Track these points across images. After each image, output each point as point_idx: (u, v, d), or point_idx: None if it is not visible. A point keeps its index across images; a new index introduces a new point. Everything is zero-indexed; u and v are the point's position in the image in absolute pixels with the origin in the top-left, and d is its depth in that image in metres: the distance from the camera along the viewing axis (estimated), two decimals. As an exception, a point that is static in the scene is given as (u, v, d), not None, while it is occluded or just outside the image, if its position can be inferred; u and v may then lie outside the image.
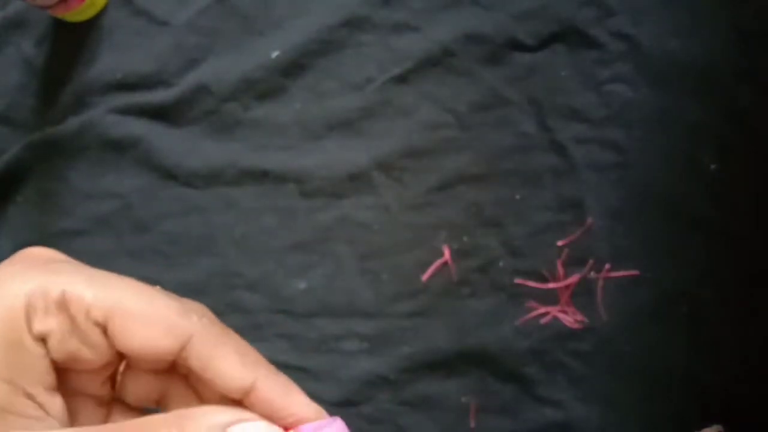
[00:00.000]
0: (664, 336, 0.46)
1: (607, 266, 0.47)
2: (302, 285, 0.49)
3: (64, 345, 0.22)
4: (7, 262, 0.24)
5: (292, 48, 0.49)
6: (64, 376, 0.23)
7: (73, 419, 0.23)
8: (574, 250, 0.47)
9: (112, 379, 0.25)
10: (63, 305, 0.22)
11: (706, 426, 0.45)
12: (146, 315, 0.22)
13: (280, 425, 0.23)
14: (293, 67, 0.49)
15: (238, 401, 0.23)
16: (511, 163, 0.48)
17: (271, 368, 0.24)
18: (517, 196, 0.48)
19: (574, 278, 0.47)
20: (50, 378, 0.22)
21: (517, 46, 0.48)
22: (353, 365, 0.47)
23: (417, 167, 0.48)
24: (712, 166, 0.47)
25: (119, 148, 0.49)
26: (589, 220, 0.47)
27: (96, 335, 0.22)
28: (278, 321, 0.48)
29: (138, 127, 0.49)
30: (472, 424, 0.47)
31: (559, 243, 0.47)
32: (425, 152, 0.48)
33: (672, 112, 0.48)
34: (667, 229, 0.47)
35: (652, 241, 0.47)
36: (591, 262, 0.47)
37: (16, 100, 0.51)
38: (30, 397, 0.22)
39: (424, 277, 0.48)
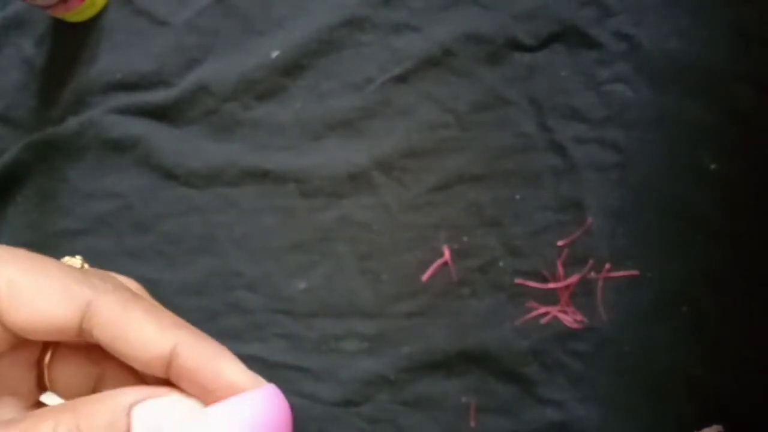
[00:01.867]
0: (664, 336, 0.46)
1: (607, 266, 0.47)
2: (302, 285, 0.49)
3: None
4: None
5: (292, 48, 0.49)
6: None
7: None
8: (574, 250, 0.47)
9: (37, 374, 0.22)
10: None
11: (706, 426, 0.45)
12: (36, 284, 0.20)
13: (211, 401, 0.20)
14: (293, 67, 0.49)
15: (166, 381, 0.20)
16: (511, 163, 0.48)
17: (196, 332, 0.21)
18: (517, 196, 0.48)
19: (574, 278, 0.47)
20: None
21: (517, 46, 0.48)
22: (353, 365, 0.47)
23: (417, 167, 0.48)
24: (712, 166, 0.47)
25: (119, 148, 0.49)
26: (589, 220, 0.47)
27: None
28: (278, 321, 0.48)
29: (138, 127, 0.49)
30: (472, 424, 0.47)
31: (559, 243, 0.47)
32: (425, 152, 0.48)
33: (672, 112, 0.48)
34: (667, 229, 0.47)
35: (652, 241, 0.47)
36: (591, 262, 0.47)
37: (16, 100, 0.51)
38: None
39: (424, 277, 0.48)
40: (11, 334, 0.20)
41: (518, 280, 0.47)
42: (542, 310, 0.47)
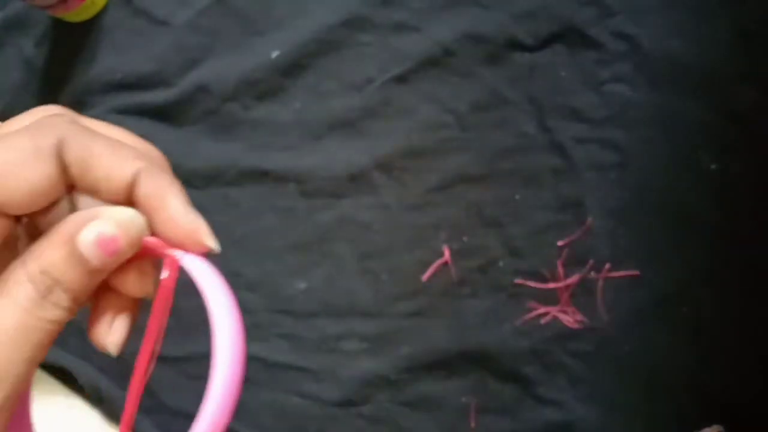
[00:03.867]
0: (664, 336, 0.46)
1: (607, 266, 0.47)
2: (302, 285, 0.49)
3: None
4: None
5: (292, 48, 0.49)
6: None
7: None
8: (574, 250, 0.47)
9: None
10: None
11: (706, 426, 0.45)
12: (12, 148, 0.20)
13: (159, 236, 0.22)
14: (293, 67, 0.49)
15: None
16: (511, 163, 0.48)
17: (155, 165, 0.22)
18: (517, 196, 0.48)
19: (574, 278, 0.47)
20: None
21: (517, 46, 0.48)
22: (353, 365, 0.47)
23: (417, 167, 0.48)
24: (712, 166, 0.47)
25: (119, 148, 0.49)
26: (589, 220, 0.47)
27: None
28: (278, 321, 0.48)
29: (138, 127, 0.49)
30: (473, 424, 0.47)
31: (559, 243, 0.47)
32: (425, 152, 0.48)
33: (672, 112, 0.48)
34: (667, 229, 0.47)
35: (652, 241, 0.47)
36: (591, 262, 0.47)
37: (16, 100, 0.51)
38: None
39: (424, 277, 0.48)
40: (7, 218, 0.21)
41: (518, 280, 0.47)
42: (542, 310, 0.47)
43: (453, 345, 0.47)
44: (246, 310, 0.48)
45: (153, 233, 0.22)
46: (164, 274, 0.22)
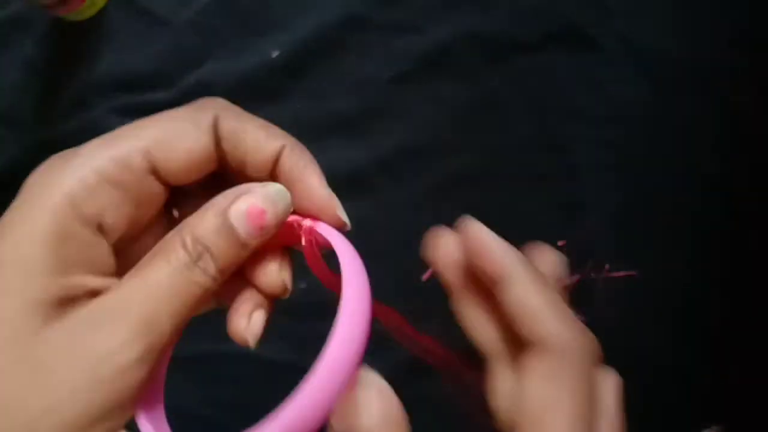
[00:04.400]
0: (664, 336, 0.46)
1: (607, 266, 0.47)
2: (302, 285, 0.48)
3: (120, 217, 0.22)
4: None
5: (292, 48, 0.49)
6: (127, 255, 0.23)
7: None
8: (574, 250, 0.47)
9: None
10: (104, 176, 0.22)
11: (706, 426, 0.45)
12: (173, 125, 0.23)
13: (296, 210, 0.24)
14: (293, 67, 0.49)
15: None
16: (511, 163, 0.48)
17: (298, 143, 0.25)
18: (517, 196, 0.48)
19: (574, 278, 0.47)
20: (109, 263, 0.22)
21: (517, 46, 0.48)
22: (353, 365, 0.47)
23: (417, 167, 0.48)
24: (712, 166, 0.47)
25: (119, 148, 0.49)
26: (589, 220, 0.47)
27: (149, 184, 0.23)
28: (278, 321, 0.48)
29: (138, 127, 0.49)
30: (473, 425, 0.47)
31: (559, 243, 0.47)
32: (425, 152, 0.48)
33: (671, 112, 0.48)
34: (667, 229, 0.47)
35: (652, 241, 0.47)
36: (591, 262, 0.47)
37: (16, 100, 0.51)
38: (85, 287, 0.21)
39: (424, 277, 0.48)
40: (165, 188, 0.23)
41: (518, 280, 0.47)
42: (542, 310, 0.47)
43: (453, 345, 0.47)
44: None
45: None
46: (303, 241, 0.24)
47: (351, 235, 0.33)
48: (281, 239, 0.24)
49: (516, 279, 0.24)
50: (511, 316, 0.23)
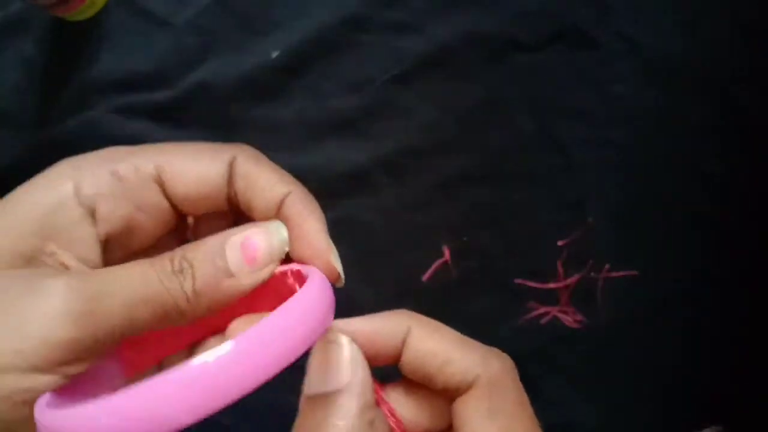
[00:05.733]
0: (664, 336, 0.46)
1: (607, 266, 0.47)
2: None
3: (115, 210, 0.23)
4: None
5: (292, 48, 0.49)
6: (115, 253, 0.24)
7: None
8: (574, 250, 0.47)
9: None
10: (111, 169, 0.23)
11: (706, 426, 0.45)
12: (193, 151, 0.24)
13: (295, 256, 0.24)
14: (293, 67, 0.49)
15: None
16: (511, 163, 0.48)
17: (305, 191, 0.26)
18: (517, 196, 0.48)
19: (574, 278, 0.47)
20: (91, 249, 0.23)
21: (517, 46, 0.48)
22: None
23: (417, 167, 0.48)
24: (712, 166, 0.47)
25: (119, 148, 0.49)
26: (589, 220, 0.47)
27: (152, 192, 0.23)
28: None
29: (138, 127, 0.49)
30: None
31: (559, 243, 0.47)
32: (425, 152, 0.48)
33: (672, 112, 0.48)
34: (667, 229, 0.47)
35: (652, 241, 0.47)
36: (591, 262, 0.47)
37: (16, 100, 0.51)
38: (53, 255, 0.22)
39: (424, 277, 0.48)
40: (172, 211, 0.24)
41: (518, 280, 0.47)
42: (542, 310, 0.47)
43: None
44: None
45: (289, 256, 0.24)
46: (289, 280, 0.24)
47: (351, 235, 0.33)
48: (273, 295, 0.24)
49: (411, 336, 0.24)
50: (423, 373, 0.24)
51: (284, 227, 0.24)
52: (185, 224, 0.27)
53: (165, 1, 0.50)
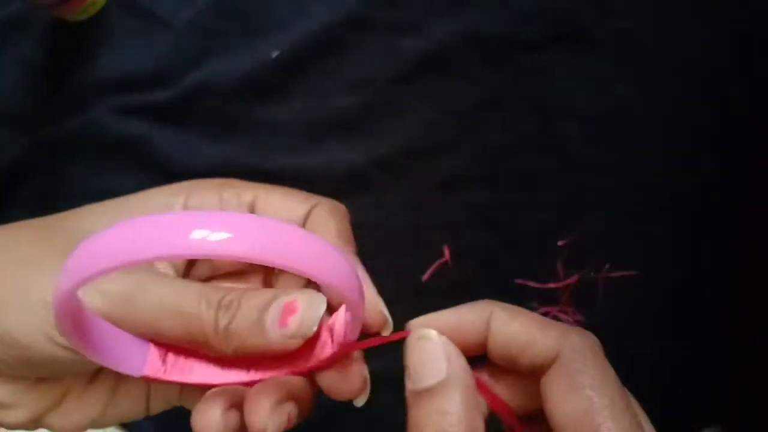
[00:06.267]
0: (664, 336, 0.46)
1: (607, 266, 0.47)
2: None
3: None
4: None
5: (292, 48, 0.49)
6: None
7: None
8: (574, 250, 0.47)
9: None
10: (221, 196, 0.27)
11: (706, 426, 0.45)
12: (287, 193, 0.28)
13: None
14: (293, 67, 0.49)
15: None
16: (511, 163, 0.48)
17: (354, 253, 0.27)
18: (517, 196, 0.48)
19: (574, 278, 0.47)
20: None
21: (517, 46, 0.48)
22: (353, 365, 0.47)
23: (417, 167, 0.48)
24: (712, 166, 0.47)
25: (119, 148, 0.49)
26: (589, 220, 0.47)
27: None
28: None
29: (138, 127, 0.49)
30: None
31: (559, 243, 0.47)
32: (425, 152, 0.48)
33: (672, 111, 0.48)
34: (667, 229, 0.47)
35: (652, 241, 0.47)
36: (591, 262, 0.47)
37: (16, 100, 0.51)
38: None
39: (424, 277, 0.48)
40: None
41: (518, 280, 0.47)
42: (542, 310, 0.47)
43: (453, 345, 0.47)
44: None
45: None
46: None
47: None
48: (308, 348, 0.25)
49: (493, 320, 0.25)
50: (509, 357, 0.24)
51: (324, 304, 0.24)
52: None
53: (165, 1, 0.50)
